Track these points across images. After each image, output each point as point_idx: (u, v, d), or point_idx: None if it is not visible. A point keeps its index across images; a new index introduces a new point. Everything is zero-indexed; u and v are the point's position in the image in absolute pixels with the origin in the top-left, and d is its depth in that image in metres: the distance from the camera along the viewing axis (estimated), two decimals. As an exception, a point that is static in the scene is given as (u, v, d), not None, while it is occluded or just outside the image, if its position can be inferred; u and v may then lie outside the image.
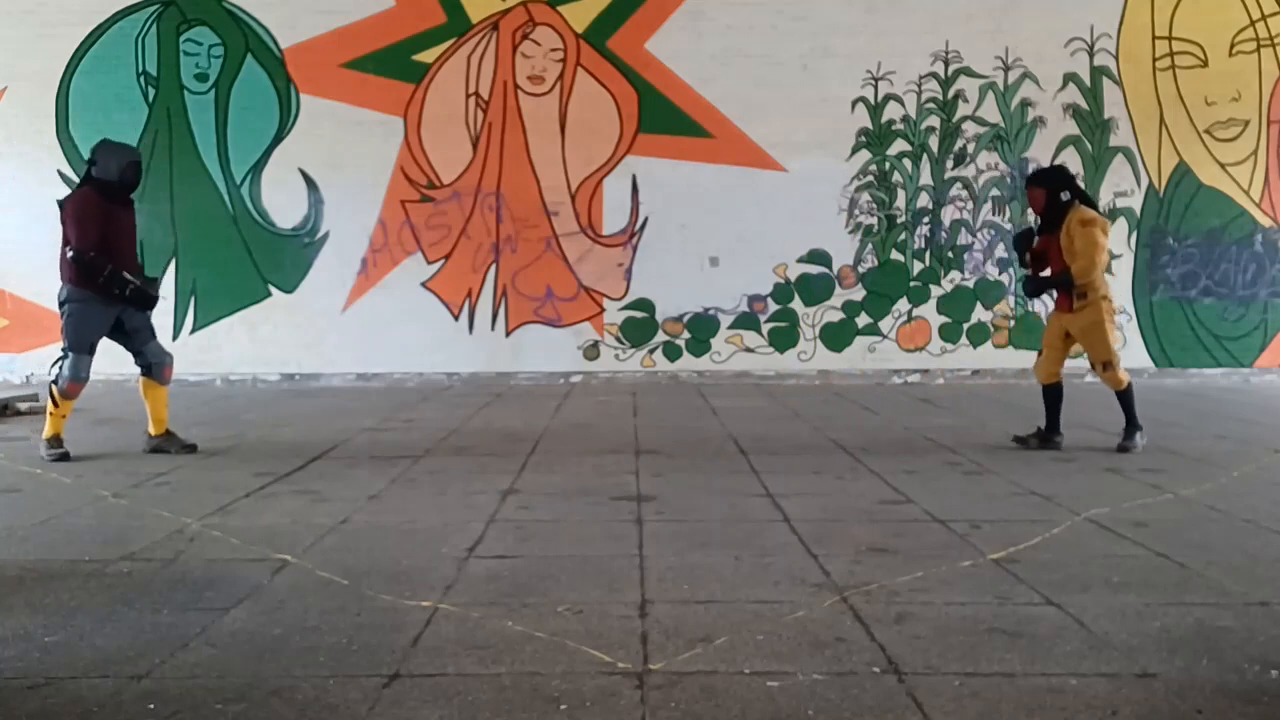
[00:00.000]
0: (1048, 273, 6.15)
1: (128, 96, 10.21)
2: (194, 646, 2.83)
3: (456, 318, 10.39)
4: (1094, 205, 6.07)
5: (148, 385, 6.10)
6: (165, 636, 2.91)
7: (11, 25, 10.18)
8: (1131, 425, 6.05)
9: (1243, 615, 3.09)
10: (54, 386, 5.92)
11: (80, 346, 5.87)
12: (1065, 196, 5.93)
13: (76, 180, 10.07)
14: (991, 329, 10.51)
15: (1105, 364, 5.97)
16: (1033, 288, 6.31)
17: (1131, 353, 10.52)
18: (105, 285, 5.75)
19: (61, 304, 5.87)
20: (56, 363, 5.95)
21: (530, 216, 10.32)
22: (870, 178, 10.44)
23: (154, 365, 6.06)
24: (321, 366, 10.34)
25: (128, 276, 5.79)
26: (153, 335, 6.11)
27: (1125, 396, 6.07)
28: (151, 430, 6.11)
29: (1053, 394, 6.28)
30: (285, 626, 2.99)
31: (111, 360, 10.25)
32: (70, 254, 5.70)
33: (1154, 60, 10.39)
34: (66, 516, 4.43)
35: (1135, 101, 10.39)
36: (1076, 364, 10.46)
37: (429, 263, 10.35)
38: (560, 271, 10.36)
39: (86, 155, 5.89)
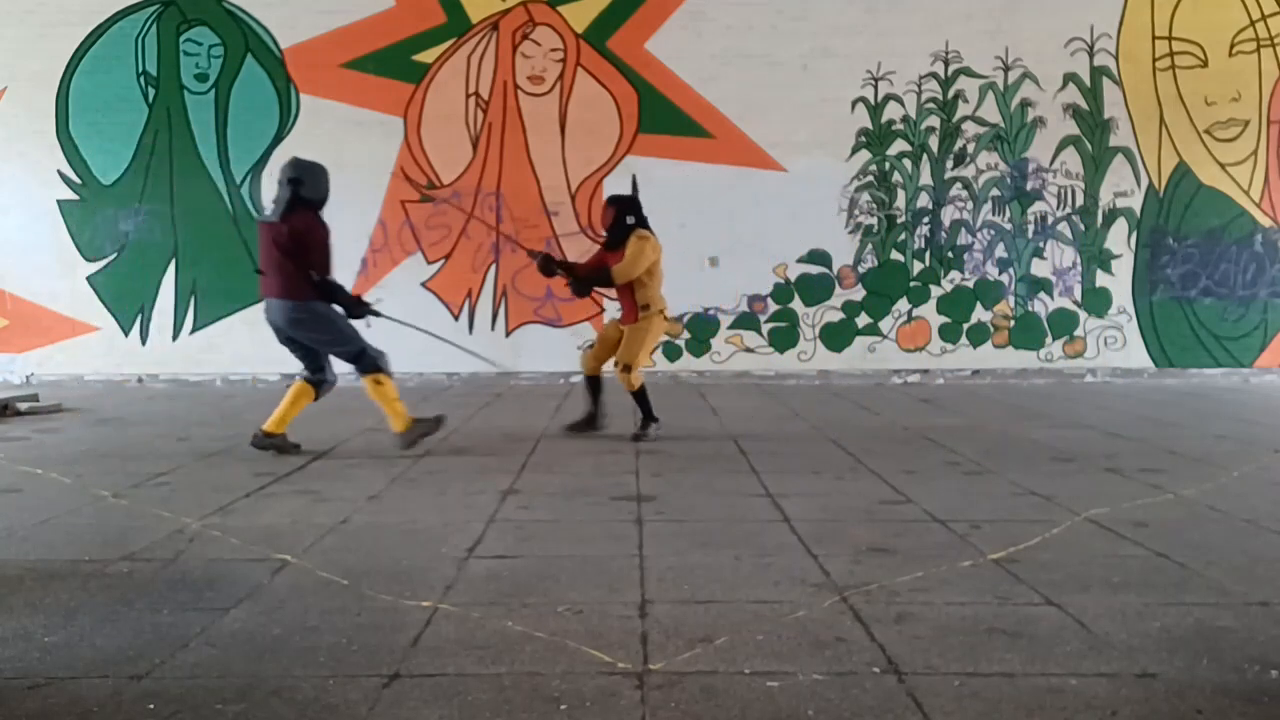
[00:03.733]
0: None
1: (128, 96, 10.20)
2: (194, 646, 2.83)
3: (456, 318, 10.39)
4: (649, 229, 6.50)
5: (303, 392, 6.21)
6: (165, 636, 2.91)
7: (11, 25, 10.17)
8: (648, 418, 6.58)
9: (1243, 615, 3.09)
10: (381, 375, 6.11)
11: (357, 338, 6.09)
12: (630, 221, 6.43)
13: (77, 180, 10.17)
14: (991, 329, 10.51)
15: (626, 366, 6.45)
16: (583, 287, 6.70)
17: (1131, 353, 10.54)
18: (344, 303, 6.00)
19: (308, 319, 5.98)
20: (359, 366, 6.11)
21: (530, 216, 10.32)
22: (870, 178, 10.44)
23: (325, 384, 6.29)
24: (321, 366, 10.32)
25: (346, 294, 6.12)
26: (342, 344, 6.22)
27: (639, 396, 6.55)
28: (397, 427, 6.11)
29: (594, 384, 6.83)
30: (285, 626, 2.99)
31: (112, 360, 10.34)
32: (318, 279, 5.92)
33: (1154, 60, 10.39)
34: (66, 516, 4.43)
35: (1135, 101, 10.39)
36: (1075, 364, 10.51)
37: (429, 263, 10.34)
38: (560, 271, 10.35)
39: (288, 174, 6.05)
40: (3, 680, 2.61)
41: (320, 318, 5.96)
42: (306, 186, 5.89)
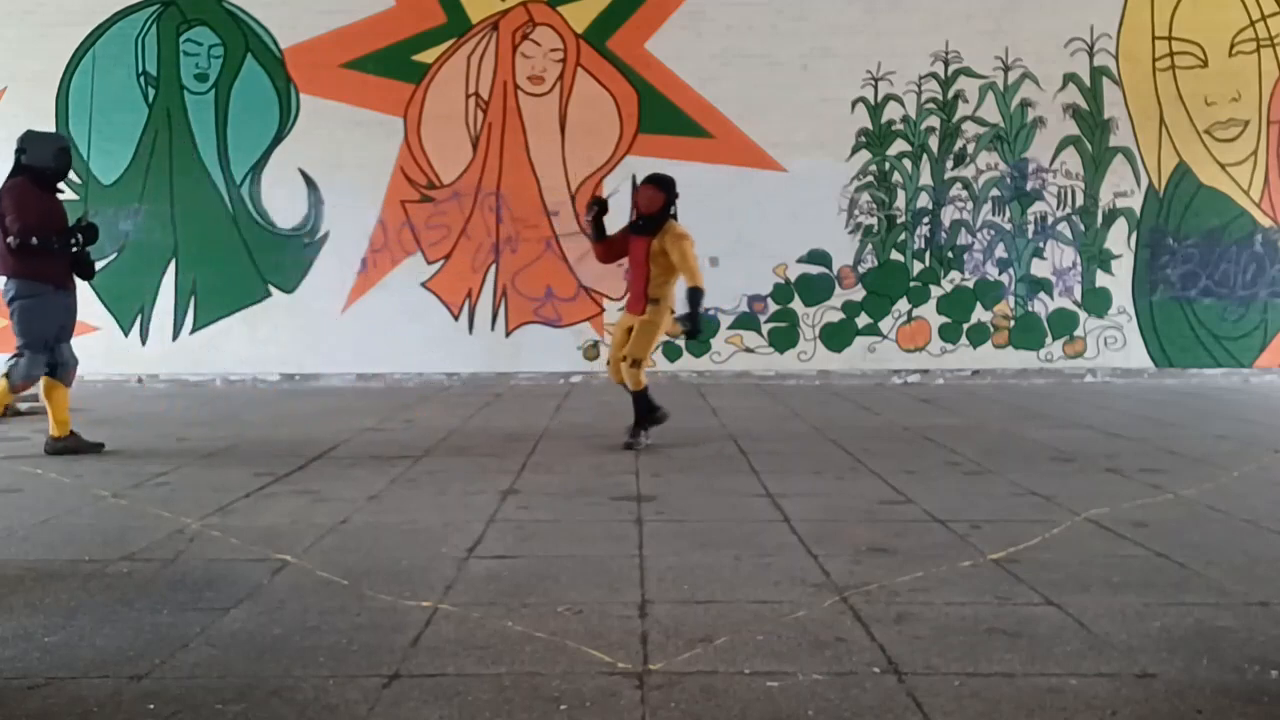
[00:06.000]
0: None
1: (128, 96, 10.21)
2: (194, 646, 2.83)
3: (456, 318, 10.40)
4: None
5: (51, 386, 6.03)
6: (165, 636, 2.91)
7: (11, 25, 10.18)
8: (641, 424, 6.24)
9: (1243, 615, 3.09)
10: (4, 379, 5.92)
11: (37, 344, 5.85)
12: (673, 211, 6.17)
13: (77, 180, 10.16)
14: (991, 329, 10.51)
15: (634, 361, 6.13)
16: (598, 231, 6.38)
17: (1131, 353, 10.54)
18: (61, 249, 5.78)
19: (10, 300, 5.81)
20: (13, 359, 5.91)
21: (530, 216, 10.32)
22: (870, 178, 10.44)
23: (60, 365, 6.03)
24: (321, 366, 10.34)
25: (71, 240, 5.87)
26: (69, 336, 6.10)
27: (640, 397, 6.22)
28: (54, 432, 6.01)
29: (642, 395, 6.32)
30: (285, 626, 2.99)
31: (112, 360, 10.34)
32: (13, 243, 5.66)
33: (1154, 60, 10.39)
34: (66, 516, 4.43)
35: (1135, 101, 10.39)
36: (1075, 364, 10.51)
37: (429, 263, 10.35)
38: (560, 271, 10.36)
39: (15, 146, 5.89)
40: (3, 680, 2.61)
41: (11, 300, 5.84)
42: (29, 154, 5.85)
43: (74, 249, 5.90)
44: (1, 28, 10.19)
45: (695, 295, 6.07)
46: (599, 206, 6.37)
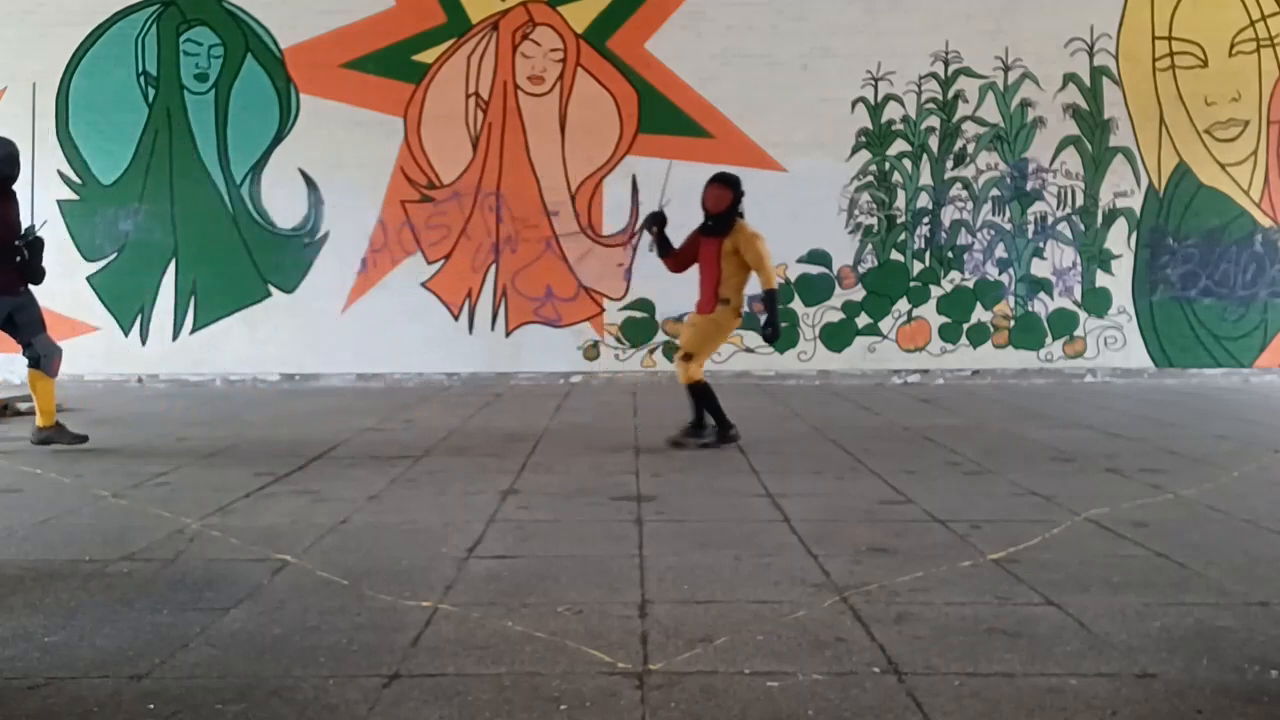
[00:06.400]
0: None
1: (128, 96, 10.21)
2: (194, 646, 2.83)
3: (456, 318, 10.39)
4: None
5: (36, 377, 6.13)
6: (165, 636, 2.91)
7: (11, 25, 10.18)
8: (698, 424, 6.11)
9: (1243, 615, 3.09)
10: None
11: None
12: (742, 209, 6.06)
13: (77, 180, 10.17)
14: (991, 329, 10.51)
15: (686, 355, 6.04)
16: (663, 248, 6.31)
17: (1131, 353, 10.54)
18: (3, 261, 5.81)
19: None
20: None
21: (530, 216, 10.32)
22: (870, 178, 10.44)
23: (43, 357, 6.10)
24: (321, 366, 10.34)
25: (17, 244, 5.88)
26: (43, 328, 6.16)
27: (698, 394, 6.07)
28: (40, 422, 6.14)
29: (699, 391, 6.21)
30: (285, 626, 2.99)
31: (111, 360, 10.34)
32: None
33: (1154, 60, 10.39)
34: (66, 516, 4.43)
35: (1135, 101, 10.39)
36: (1075, 364, 10.51)
37: (429, 263, 10.35)
38: (560, 272, 10.36)
39: None
40: (3, 680, 2.61)
41: None
42: None
43: (18, 260, 5.92)
44: (1, 28, 10.19)
45: (771, 298, 5.98)
46: (657, 222, 6.26)
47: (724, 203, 6.04)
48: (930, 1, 10.30)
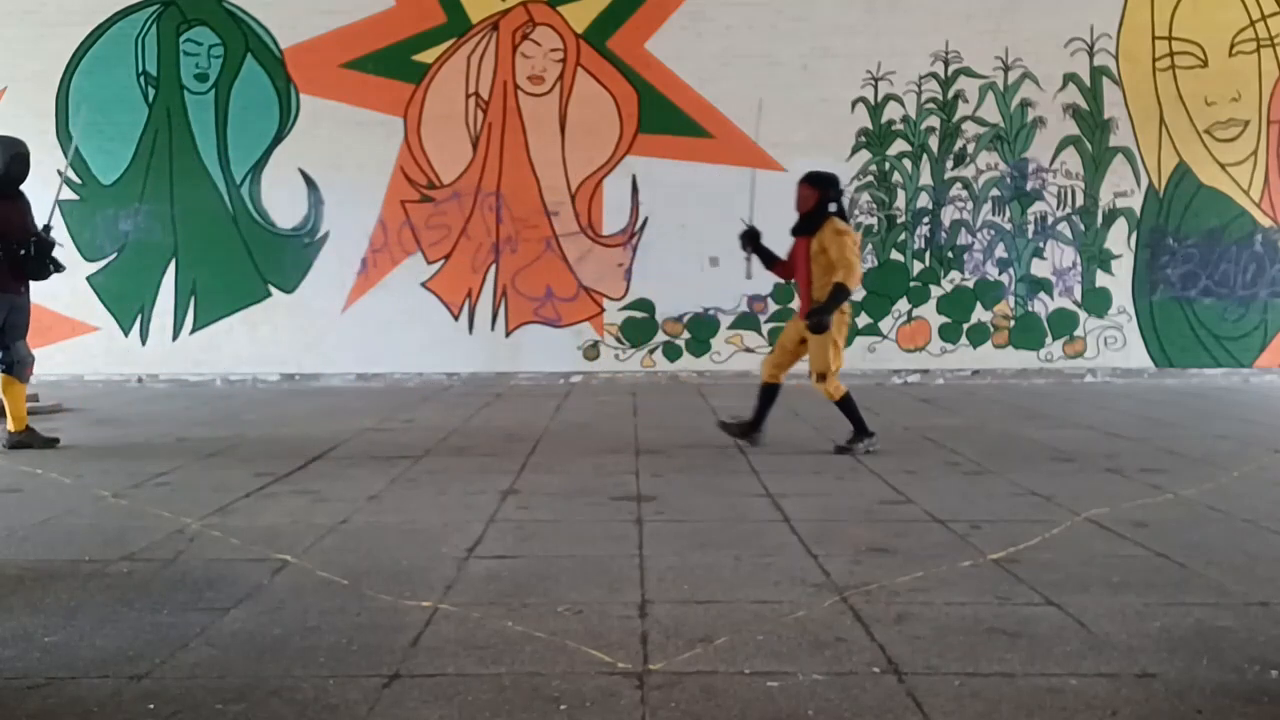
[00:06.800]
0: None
1: (128, 96, 10.21)
2: (194, 646, 2.83)
3: (456, 318, 10.39)
4: (847, 222, 6.06)
5: (8, 382, 6.15)
6: (165, 636, 2.91)
7: (11, 25, 10.17)
8: (860, 432, 5.98)
9: (1243, 615, 3.09)
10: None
11: None
12: (832, 208, 5.91)
13: (77, 180, 10.17)
14: (991, 329, 10.51)
15: (820, 375, 5.91)
16: (775, 268, 6.29)
17: (1131, 353, 10.54)
18: (6, 258, 5.84)
19: None
20: None
21: (530, 216, 10.32)
22: (870, 178, 10.44)
23: (17, 364, 6.15)
24: (321, 366, 10.34)
25: (28, 243, 5.94)
26: (23, 335, 6.18)
27: (845, 405, 6.00)
28: (11, 427, 6.18)
29: (769, 393, 6.19)
30: (285, 626, 2.99)
31: (112, 360, 10.34)
32: None
33: (1154, 60, 10.39)
34: (66, 516, 4.43)
35: (1135, 101, 10.39)
36: (1075, 364, 10.51)
37: (429, 263, 10.35)
38: (560, 272, 10.36)
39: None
40: (3, 680, 2.61)
41: None
42: None
43: (23, 255, 5.93)
44: (1, 28, 10.18)
45: (839, 291, 5.75)
46: (751, 241, 6.18)
47: (809, 202, 5.92)
48: (930, 1, 10.29)
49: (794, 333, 6.14)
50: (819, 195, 5.91)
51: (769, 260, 6.25)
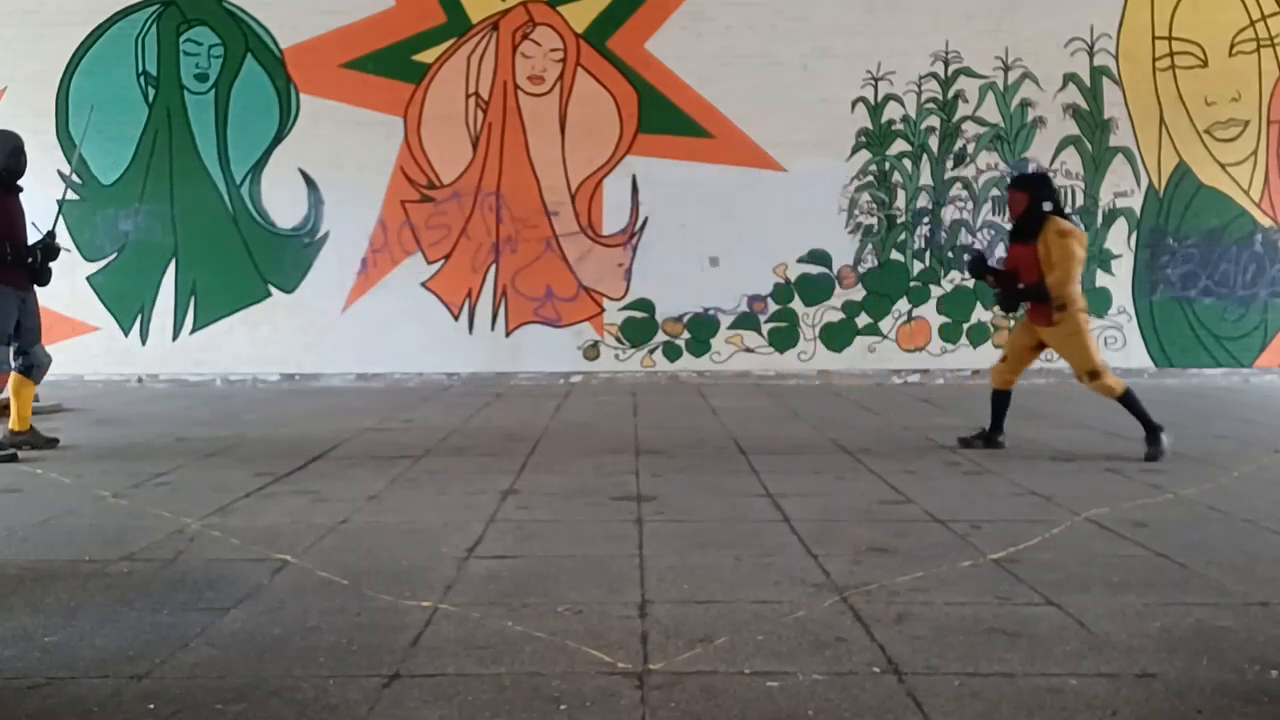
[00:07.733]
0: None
1: (128, 96, 10.21)
2: (194, 646, 2.83)
3: (456, 318, 10.39)
4: (1067, 217, 5.90)
5: (21, 383, 6.14)
6: (165, 636, 2.91)
7: (11, 25, 10.18)
8: (1151, 430, 5.74)
9: (1243, 615, 3.09)
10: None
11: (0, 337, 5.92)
12: (1047, 207, 5.73)
13: (78, 180, 10.17)
14: (991, 329, 10.51)
15: (1091, 373, 5.72)
16: (1010, 301, 6.03)
17: (1131, 353, 10.53)
18: (15, 261, 5.81)
19: None
20: None
21: (530, 216, 10.32)
22: (870, 178, 10.44)
23: (35, 367, 6.15)
24: (321, 366, 10.34)
25: (34, 245, 5.93)
26: (38, 338, 6.18)
27: (1128, 402, 5.75)
28: (13, 426, 6.16)
29: (1002, 399, 6.14)
30: (285, 626, 2.99)
31: (112, 360, 10.34)
32: None
33: (1154, 60, 10.39)
34: (66, 516, 4.43)
35: (1135, 101, 10.39)
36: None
37: (429, 263, 10.35)
38: (560, 271, 10.36)
39: None
40: (3, 680, 2.61)
41: None
42: None
43: (30, 261, 5.92)
44: (1, 28, 10.19)
45: (1035, 289, 5.62)
46: (978, 266, 6.09)
47: (1019, 207, 5.78)
48: (930, 1, 10.30)
49: (1027, 338, 5.98)
50: (1029, 197, 5.74)
51: (1001, 278, 6.01)
